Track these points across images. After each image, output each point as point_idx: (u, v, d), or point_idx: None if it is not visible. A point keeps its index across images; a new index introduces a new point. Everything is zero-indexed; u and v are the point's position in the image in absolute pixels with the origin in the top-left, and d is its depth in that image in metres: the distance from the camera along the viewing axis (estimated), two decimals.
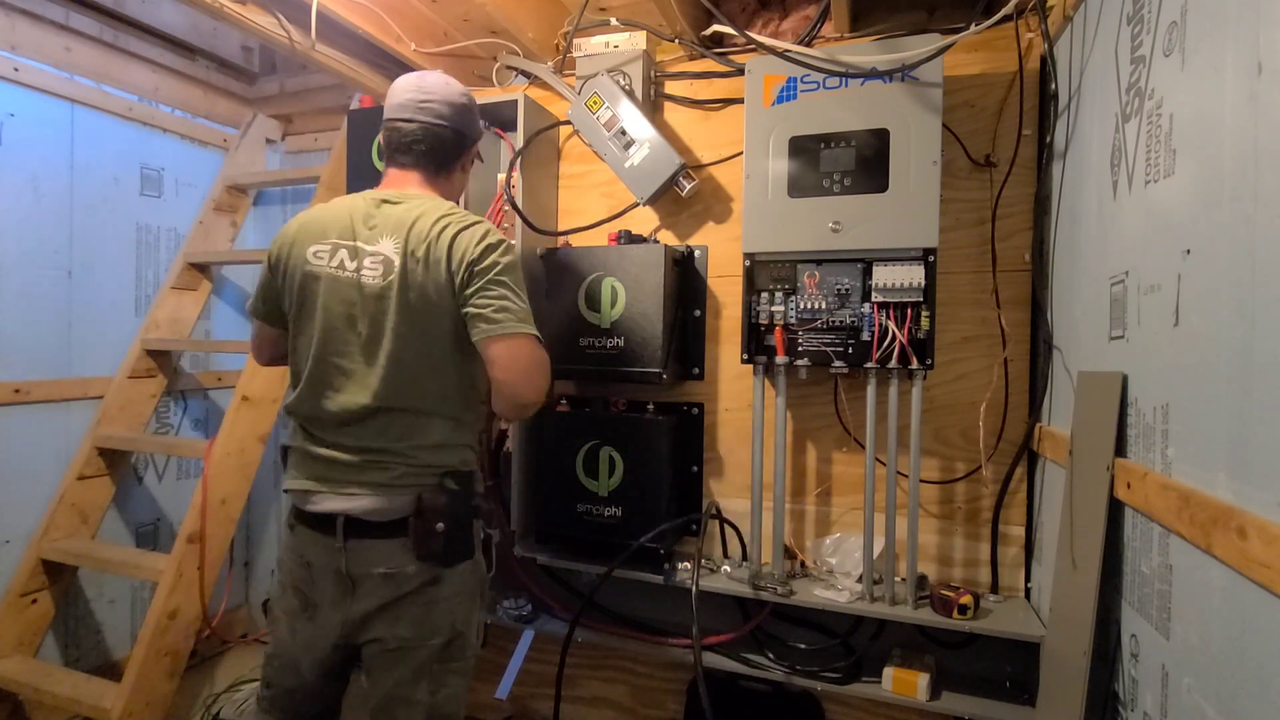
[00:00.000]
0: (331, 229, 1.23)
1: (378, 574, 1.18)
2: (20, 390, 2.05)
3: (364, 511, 1.18)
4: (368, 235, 1.21)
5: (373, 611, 1.19)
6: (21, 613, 2.04)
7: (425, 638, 1.19)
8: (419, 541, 1.17)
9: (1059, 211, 1.42)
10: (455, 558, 1.20)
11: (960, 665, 1.58)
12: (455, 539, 1.20)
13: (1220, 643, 0.79)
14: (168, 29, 2.36)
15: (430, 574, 1.19)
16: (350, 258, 1.20)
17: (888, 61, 1.40)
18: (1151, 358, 0.98)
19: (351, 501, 1.18)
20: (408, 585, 1.18)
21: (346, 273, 1.20)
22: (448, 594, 1.20)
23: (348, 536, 1.18)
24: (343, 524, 1.18)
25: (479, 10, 1.79)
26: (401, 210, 1.22)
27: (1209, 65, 0.85)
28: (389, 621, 1.19)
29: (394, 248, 1.18)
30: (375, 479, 1.19)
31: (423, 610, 1.19)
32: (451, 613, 1.21)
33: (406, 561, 1.18)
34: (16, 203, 2.03)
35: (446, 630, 1.21)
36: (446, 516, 1.18)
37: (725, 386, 1.77)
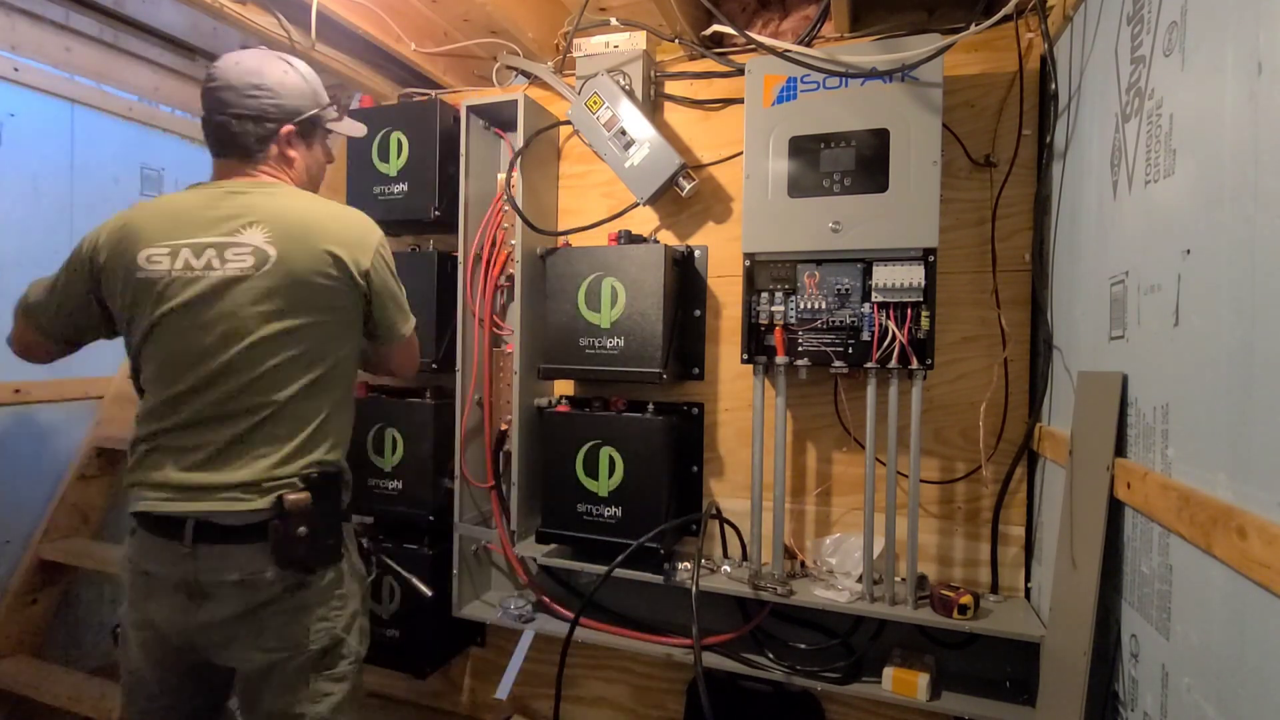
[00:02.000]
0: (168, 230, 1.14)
1: (231, 581, 1.10)
2: (20, 390, 2.04)
3: (217, 515, 1.09)
4: (226, 228, 1.13)
5: (228, 621, 1.11)
6: (21, 613, 2.04)
7: (296, 648, 1.13)
8: (279, 546, 1.09)
9: (1059, 211, 1.42)
10: (321, 561, 1.14)
11: (960, 665, 1.58)
12: (320, 542, 1.13)
13: (1220, 643, 0.79)
14: (168, 29, 2.36)
15: (293, 580, 1.12)
16: (195, 255, 1.12)
17: (888, 61, 1.40)
18: (1151, 358, 0.98)
19: (203, 505, 1.09)
20: (265, 593, 1.10)
21: (194, 271, 1.12)
22: (316, 600, 1.14)
23: (197, 541, 1.09)
24: (192, 527, 1.09)
25: (479, 10, 1.79)
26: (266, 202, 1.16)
27: (1209, 65, 0.85)
28: (252, 634, 1.12)
29: (265, 238, 1.12)
30: (232, 480, 1.10)
31: (287, 619, 1.12)
32: (324, 619, 1.15)
33: (264, 567, 1.10)
34: (16, 203, 2.03)
35: (322, 638, 1.14)
36: (311, 519, 1.11)
37: (725, 386, 1.77)
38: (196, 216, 1.15)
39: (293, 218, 1.16)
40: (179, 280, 1.12)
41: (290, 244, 1.13)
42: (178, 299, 1.12)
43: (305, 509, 1.11)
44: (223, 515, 1.09)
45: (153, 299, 1.13)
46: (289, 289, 1.13)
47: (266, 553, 1.10)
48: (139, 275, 1.13)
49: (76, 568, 2.15)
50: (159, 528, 1.11)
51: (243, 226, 1.13)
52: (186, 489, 1.10)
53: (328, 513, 1.16)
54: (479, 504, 1.91)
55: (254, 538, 1.10)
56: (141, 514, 1.13)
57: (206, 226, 1.14)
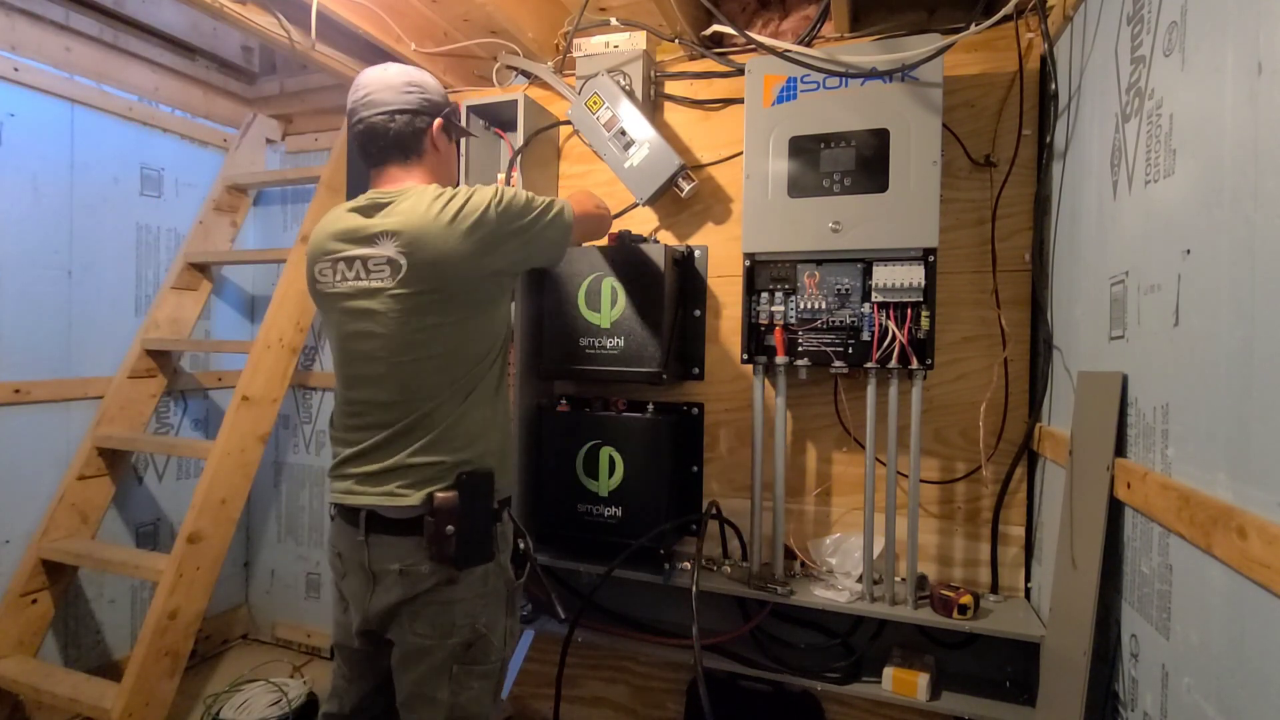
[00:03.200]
0: (328, 244, 1.24)
1: (394, 570, 1.19)
2: (20, 390, 2.04)
3: (382, 507, 1.19)
4: (368, 239, 1.19)
5: (394, 606, 1.19)
6: (21, 613, 2.04)
7: (443, 637, 1.19)
8: (431, 542, 1.16)
9: (1059, 211, 1.42)
10: (469, 560, 1.19)
11: (960, 665, 1.58)
12: (468, 542, 1.18)
13: (1220, 643, 0.79)
14: (168, 29, 2.36)
15: (444, 574, 1.18)
16: (349, 267, 1.21)
17: (888, 61, 1.40)
18: (1151, 358, 0.98)
19: (372, 498, 1.20)
20: (423, 584, 1.18)
21: (349, 283, 1.21)
22: (465, 595, 1.19)
23: (369, 531, 1.20)
24: (365, 518, 1.20)
25: (479, 10, 1.79)
26: (398, 208, 1.20)
27: (1209, 65, 0.85)
28: (409, 619, 1.20)
29: (397, 248, 1.17)
30: (395, 477, 1.19)
31: (439, 610, 1.19)
32: (471, 615, 1.20)
33: (421, 560, 1.17)
34: (16, 203, 2.03)
35: (465, 632, 1.20)
36: (458, 519, 1.17)
37: (725, 386, 1.77)
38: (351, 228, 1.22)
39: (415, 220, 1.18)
40: (339, 292, 1.22)
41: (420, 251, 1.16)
42: (339, 308, 1.23)
43: (453, 508, 1.17)
44: (386, 509, 1.19)
45: (324, 309, 1.27)
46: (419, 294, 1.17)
47: (422, 546, 1.18)
48: (315, 287, 1.27)
49: (76, 568, 2.15)
50: (344, 516, 1.25)
51: (380, 238, 1.19)
52: (362, 483, 1.21)
53: (477, 513, 1.20)
54: None
55: (412, 531, 1.18)
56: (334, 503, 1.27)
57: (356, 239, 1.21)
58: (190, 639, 2.01)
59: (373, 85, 1.26)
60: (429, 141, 1.29)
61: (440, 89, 1.33)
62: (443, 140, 1.32)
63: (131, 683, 1.84)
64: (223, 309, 2.69)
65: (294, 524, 2.73)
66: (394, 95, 1.25)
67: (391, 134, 1.25)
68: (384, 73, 1.28)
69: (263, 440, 2.20)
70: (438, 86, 1.33)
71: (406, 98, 1.26)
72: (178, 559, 1.95)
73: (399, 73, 1.28)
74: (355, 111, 1.27)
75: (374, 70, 1.29)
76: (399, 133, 1.25)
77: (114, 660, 2.30)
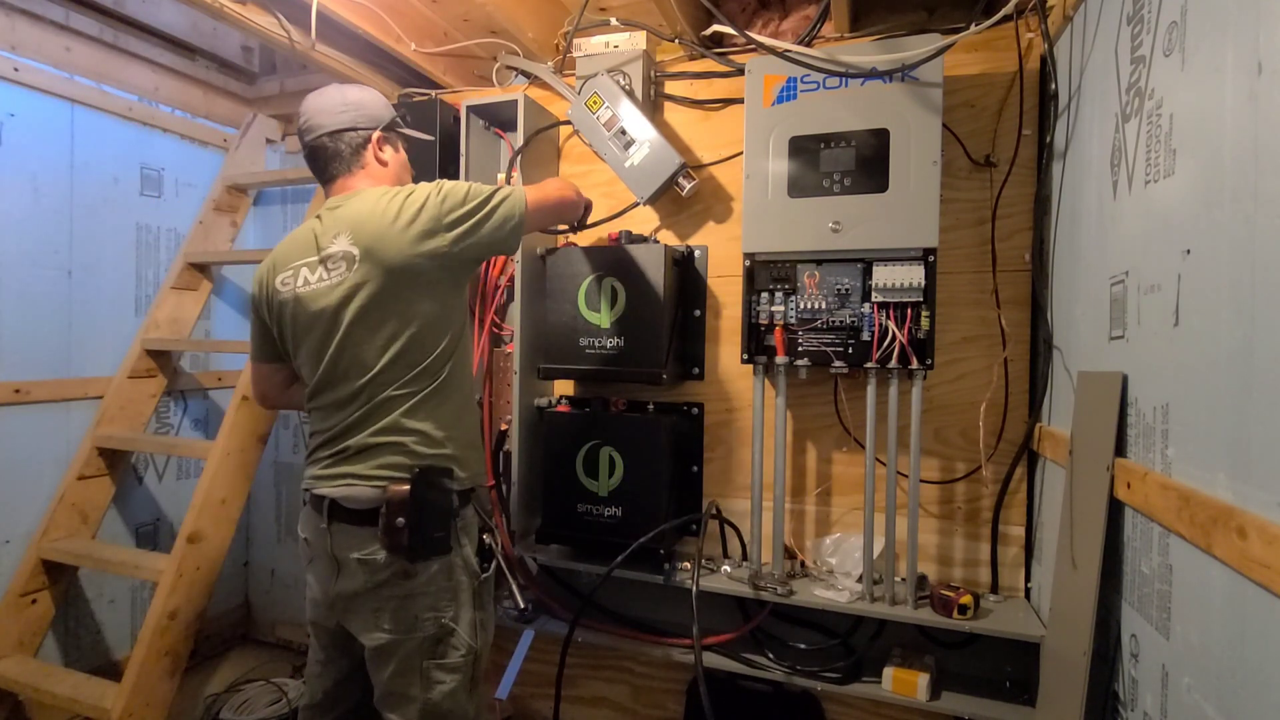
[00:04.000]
0: (292, 254, 1.29)
1: (354, 558, 1.21)
2: (20, 390, 2.04)
3: (342, 497, 1.22)
4: (325, 243, 1.25)
5: (356, 593, 1.22)
6: (21, 613, 2.04)
7: (407, 632, 1.21)
8: (385, 533, 1.18)
9: (1059, 211, 1.42)
10: (422, 553, 1.20)
11: (960, 665, 1.58)
12: (420, 534, 1.19)
13: (1220, 643, 0.79)
14: (168, 29, 2.36)
15: (400, 566, 1.20)
16: (311, 271, 1.26)
17: (888, 61, 1.40)
18: (1151, 358, 0.98)
19: (334, 488, 1.23)
20: (381, 574, 1.20)
21: (310, 285, 1.25)
22: (423, 589, 1.21)
23: (331, 519, 1.23)
24: (327, 506, 1.23)
25: (479, 10, 1.79)
26: (344, 209, 1.26)
27: (1209, 65, 0.85)
28: (373, 614, 1.22)
29: (349, 241, 1.22)
30: (353, 466, 1.22)
31: (400, 604, 1.21)
32: (434, 609, 1.22)
33: (377, 550, 1.20)
34: (16, 203, 2.03)
35: (429, 626, 1.21)
36: (410, 511, 1.18)
37: (725, 386, 1.77)
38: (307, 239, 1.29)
39: (364, 212, 1.23)
40: (300, 295, 1.26)
41: (367, 240, 1.21)
42: (303, 312, 1.26)
43: (403, 500, 1.18)
44: (346, 498, 1.22)
45: (289, 317, 1.28)
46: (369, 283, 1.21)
47: (377, 537, 1.20)
48: (276, 299, 1.30)
49: (76, 568, 2.15)
50: (312, 503, 1.28)
51: (334, 236, 1.24)
52: (327, 468, 1.25)
53: (432, 507, 1.21)
54: None
55: (369, 521, 1.21)
56: (304, 490, 1.30)
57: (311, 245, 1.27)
58: (190, 639, 2.01)
59: (310, 110, 1.33)
60: (370, 154, 1.34)
61: (380, 102, 1.37)
62: (388, 151, 1.37)
63: (131, 683, 1.84)
64: (223, 309, 2.69)
65: (294, 524, 2.73)
66: (329, 118, 1.31)
67: (331, 152, 1.31)
68: (320, 96, 1.34)
69: (263, 440, 2.20)
70: (376, 100, 1.37)
71: (340, 118, 1.31)
72: (178, 559, 1.95)
73: (335, 94, 1.34)
74: (301, 135, 1.34)
75: (313, 94, 1.35)
76: (338, 151, 1.31)
77: (114, 660, 2.30)
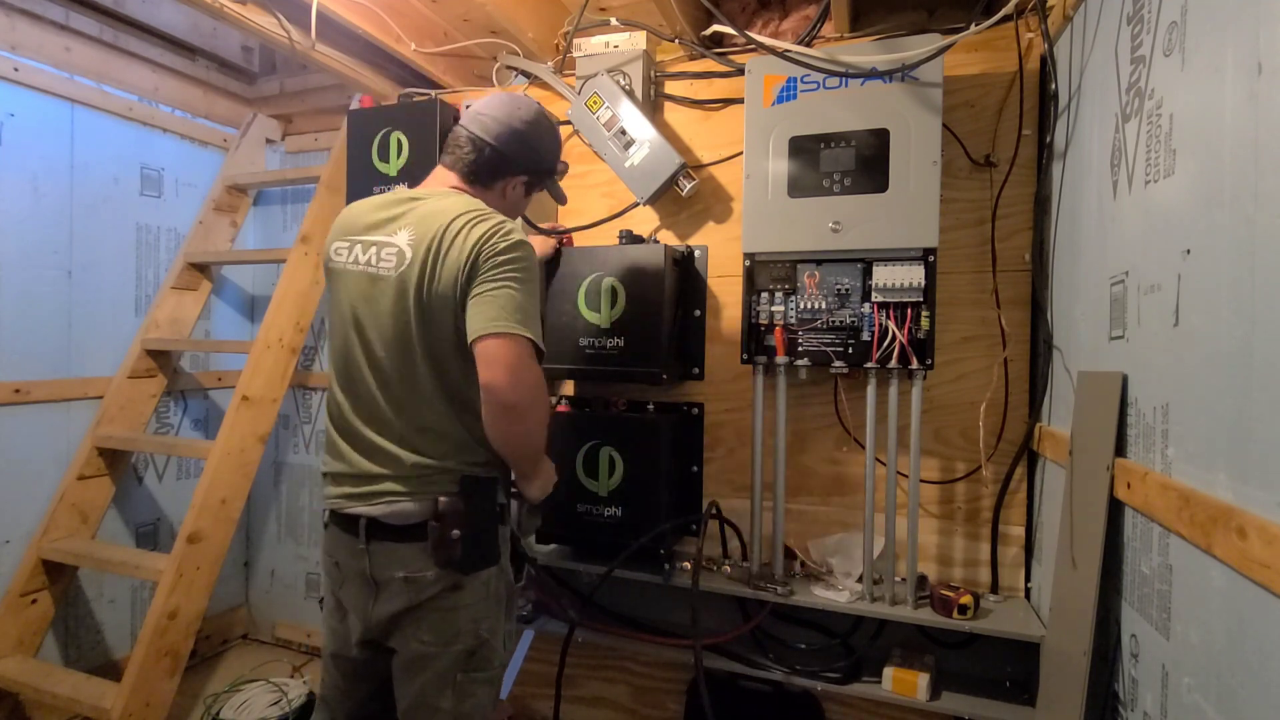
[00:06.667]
0: (354, 225, 1.23)
1: (399, 577, 1.16)
2: (20, 390, 2.04)
3: (384, 515, 1.16)
4: (388, 228, 1.19)
5: (397, 614, 1.17)
6: (21, 613, 2.04)
7: (447, 644, 1.17)
8: (437, 547, 1.14)
9: (1059, 211, 1.42)
10: (475, 565, 1.17)
11: (960, 665, 1.58)
12: (475, 546, 1.17)
13: (1220, 643, 0.79)
14: (168, 29, 2.36)
15: (450, 580, 1.16)
16: (364, 251, 1.20)
17: (888, 61, 1.40)
18: (1151, 358, 0.98)
19: (372, 506, 1.17)
20: (428, 590, 1.16)
21: (359, 267, 1.19)
22: (470, 601, 1.18)
23: (370, 539, 1.17)
24: (365, 526, 1.17)
25: (479, 10, 1.79)
26: (425, 205, 1.20)
27: (1209, 65, 0.85)
28: (412, 625, 1.17)
29: (408, 239, 1.16)
30: (394, 484, 1.16)
31: (443, 616, 1.17)
32: (475, 620, 1.18)
33: (426, 566, 1.15)
34: (16, 203, 2.03)
35: (469, 638, 1.18)
36: (465, 523, 1.15)
37: (725, 386, 1.77)
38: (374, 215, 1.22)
39: (439, 219, 1.16)
40: (351, 273, 1.20)
41: (424, 244, 1.15)
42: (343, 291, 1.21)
43: (459, 512, 1.15)
44: (388, 515, 1.16)
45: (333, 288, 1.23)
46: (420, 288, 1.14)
47: (427, 553, 1.15)
48: (328, 265, 1.25)
49: (76, 568, 2.15)
50: (340, 523, 1.22)
51: (399, 228, 1.18)
52: (359, 486, 1.18)
53: (482, 517, 1.18)
54: None
55: (415, 537, 1.16)
56: (330, 509, 1.22)
57: (377, 225, 1.20)
58: (190, 639, 2.01)
59: (491, 108, 1.27)
60: (503, 186, 1.29)
61: (554, 149, 1.34)
62: (516, 194, 1.32)
63: (131, 683, 1.84)
64: (223, 309, 2.69)
65: (294, 524, 2.73)
66: (499, 130, 1.25)
67: (469, 157, 1.25)
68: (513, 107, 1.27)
69: (263, 440, 2.20)
70: (551, 147, 1.33)
71: (509, 143, 1.25)
72: (178, 559, 1.95)
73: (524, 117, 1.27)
74: (472, 111, 1.27)
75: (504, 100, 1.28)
76: (476, 161, 1.25)
77: (114, 660, 2.30)
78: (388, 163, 1.90)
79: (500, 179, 1.29)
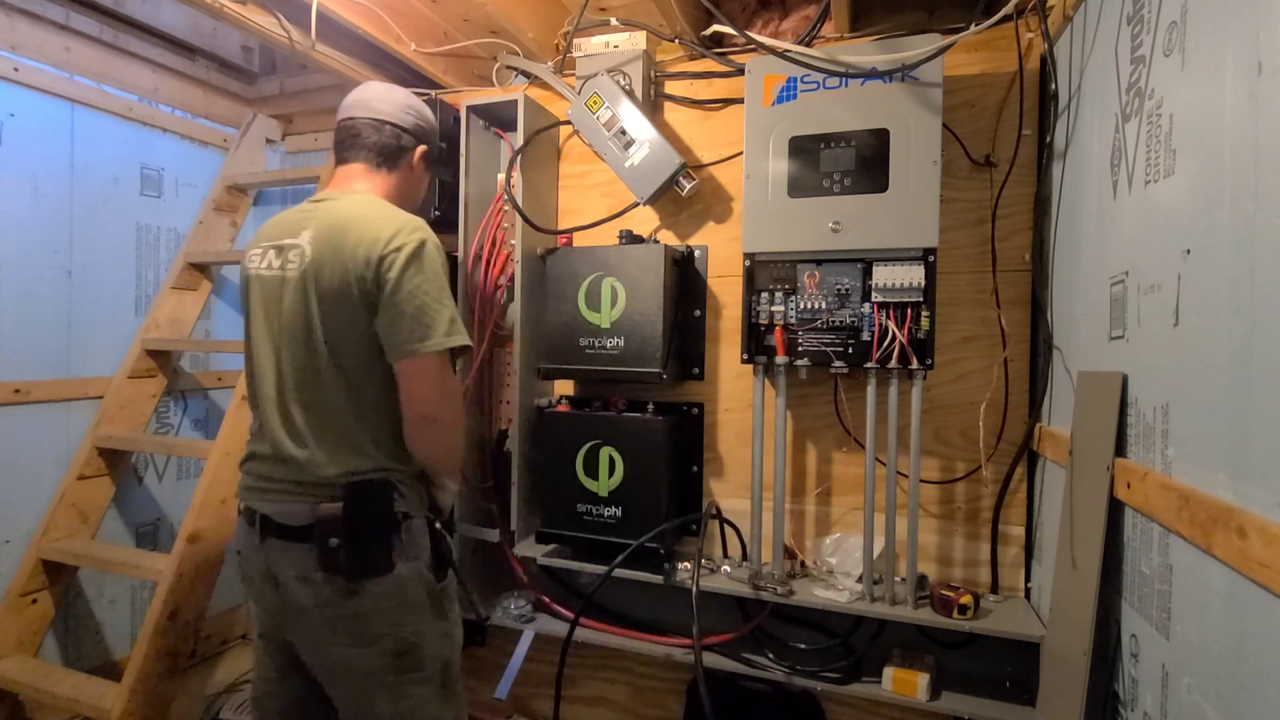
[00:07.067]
0: (268, 233, 1.26)
1: (293, 576, 1.15)
2: (20, 390, 2.04)
3: (275, 513, 1.16)
4: (295, 232, 1.21)
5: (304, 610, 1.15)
6: (21, 612, 2.04)
7: (365, 645, 1.15)
8: (320, 552, 1.12)
9: (1059, 211, 1.42)
10: (362, 573, 1.13)
11: (960, 665, 1.58)
12: (359, 554, 1.12)
13: (1220, 642, 0.79)
14: (168, 29, 2.36)
15: (340, 585, 1.13)
16: (276, 256, 1.21)
17: (888, 61, 1.40)
18: (1151, 358, 0.98)
19: (266, 502, 1.17)
20: (323, 593, 1.13)
21: (271, 271, 1.21)
22: (378, 606, 1.14)
23: (264, 535, 1.17)
24: (260, 521, 1.17)
25: (479, 10, 1.79)
26: (330, 204, 1.22)
27: (1209, 65, 0.85)
28: (326, 629, 1.15)
29: (309, 238, 1.17)
30: (286, 485, 1.16)
31: (352, 621, 1.14)
32: (393, 624, 1.15)
33: (314, 569, 1.13)
34: (16, 203, 2.03)
35: (389, 641, 1.15)
36: (344, 531, 1.11)
37: (725, 386, 1.77)
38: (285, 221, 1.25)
39: (340, 218, 1.19)
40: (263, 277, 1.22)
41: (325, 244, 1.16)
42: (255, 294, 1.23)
43: (335, 519, 1.12)
44: (278, 514, 1.16)
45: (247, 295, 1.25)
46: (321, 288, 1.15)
47: (313, 555, 1.13)
48: (243, 272, 1.27)
49: (76, 568, 2.15)
50: (245, 516, 1.22)
51: (303, 228, 1.20)
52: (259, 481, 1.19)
53: (369, 524, 1.14)
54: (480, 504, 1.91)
55: (304, 538, 1.14)
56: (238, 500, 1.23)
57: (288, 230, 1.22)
58: (190, 639, 2.01)
59: (374, 94, 1.31)
60: (406, 162, 1.33)
61: (434, 121, 1.39)
62: (420, 167, 1.36)
63: (131, 683, 1.84)
64: (223, 309, 2.69)
65: None
66: (392, 109, 1.30)
67: (372, 140, 1.28)
68: (388, 89, 1.34)
69: None
70: (432, 123, 1.39)
71: (403, 116, 1.31)
72: (178, 559, 1.95)
73: (404, 95, 1.34)
74: (347, 109, 1.30)
75: (379, 85, 1.35)
76: (380, 142, 1.29)
77: (114, 660, 2.30)
78: None
79: (405, 154, 1.32)
